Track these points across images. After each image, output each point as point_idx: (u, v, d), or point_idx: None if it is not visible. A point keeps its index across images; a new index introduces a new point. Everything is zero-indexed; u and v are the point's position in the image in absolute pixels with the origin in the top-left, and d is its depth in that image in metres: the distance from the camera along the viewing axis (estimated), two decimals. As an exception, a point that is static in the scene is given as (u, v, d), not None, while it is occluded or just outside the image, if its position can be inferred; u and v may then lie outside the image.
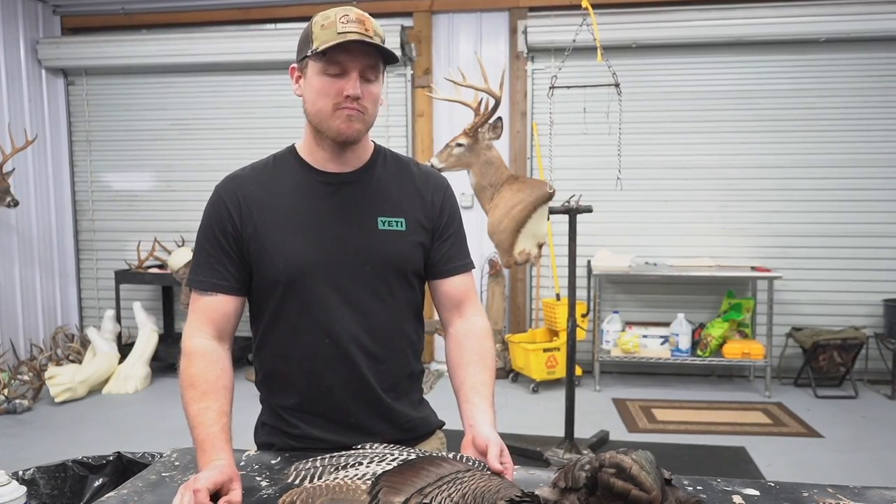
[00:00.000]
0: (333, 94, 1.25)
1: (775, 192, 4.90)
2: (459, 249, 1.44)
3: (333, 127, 1.28)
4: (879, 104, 4.79)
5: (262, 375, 1.42)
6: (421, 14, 5.11)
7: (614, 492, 0.84)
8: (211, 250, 1.32)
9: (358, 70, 1.25)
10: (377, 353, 1.34)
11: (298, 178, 1.35)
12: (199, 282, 1.31)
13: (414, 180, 1.40)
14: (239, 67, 5.31)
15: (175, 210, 5.51)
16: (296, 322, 1.31)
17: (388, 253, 1.33)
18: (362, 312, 1.32)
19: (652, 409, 4.30)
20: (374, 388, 1.34)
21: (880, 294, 4.79)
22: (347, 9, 1.26)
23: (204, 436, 1.18)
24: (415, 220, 1.36)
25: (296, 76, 1.34)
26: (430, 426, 1.47)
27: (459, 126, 4.90)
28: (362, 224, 1.32)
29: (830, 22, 4.63)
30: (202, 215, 1.35)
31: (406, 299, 1.38)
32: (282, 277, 1.29)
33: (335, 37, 1.22)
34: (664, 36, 4.79)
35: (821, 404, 4.39)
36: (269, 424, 1.42)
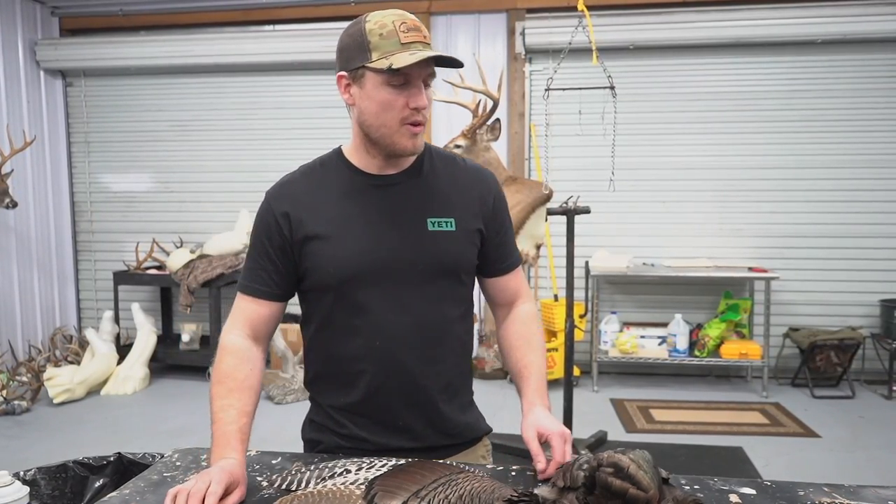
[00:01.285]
0: (399, 107, 1.24)
1: (772, 192, 4.91)
2: (510, 246, 1.45)
3: (399, 143, 1.27)
4: (877, 105, 4.81)
5: (312, 375, 1.43)
6: (419, 15, 5.09)
7: (612, 491, 0.85)
8: (256, 256, 1.34)
9: (422, 79, 1.24)
10: (428, 356, 1.34)
11: (346, 182, 1.34)
12: (243, 285, 1.36)
13: (462, 178, 1.39)
14: (238, 69, 5.32)
15: (173, 211, 5.51)
16: (347, 325, 1.32)
17: (438, 254, 1.32)
18: (413, 315, 1.32)
19: (650, 409, 4.31)
20: (423, 392, 1.35)
21: (877, 294, 4.80)
22: (402, 15, 1.24)
23: (220, 433, 1.21)
24: (464, 220, 1.35)
25: (344, 84, 1.28)
26: (477, 432, 1.45)
27: (457, 127, 4.92)
28: (412, 226, 1.32)
29: (827, 24, 4.64)
30: (255, 218, 1.37)
31: (456, 299, 1.39)
32: (332, 282, 1.30)
33: (399, 48, 1.20)
34: (661, 38, 4.81)
35: (818, 404, 4.40)
36: (317, 422, 1.42)
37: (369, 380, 1.33)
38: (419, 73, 1.23)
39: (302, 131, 5.34)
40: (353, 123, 1.32)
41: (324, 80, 5.30)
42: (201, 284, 4.79)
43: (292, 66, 5.24)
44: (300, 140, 5.34)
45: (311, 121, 5.33)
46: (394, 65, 1.19)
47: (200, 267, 4.85)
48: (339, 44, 1.28)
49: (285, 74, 5.33)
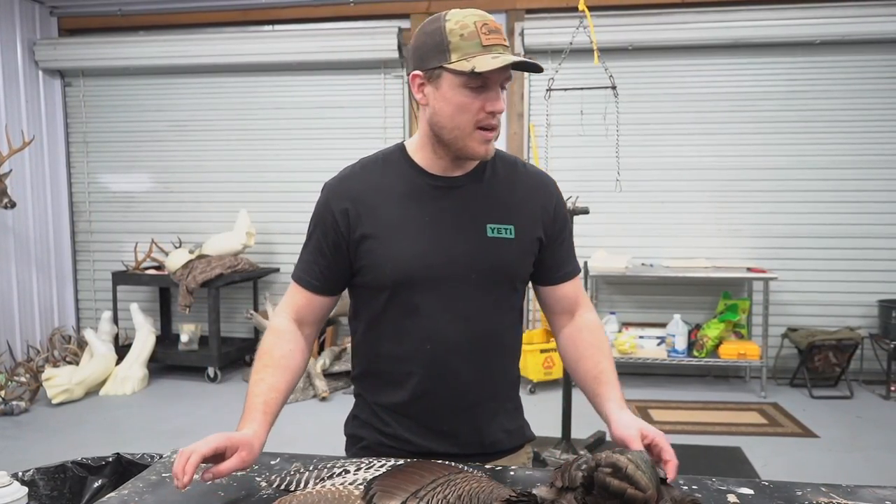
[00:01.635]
0: (475, 110, 1.21)
1: (771, 193, 4.92)
2: (570, 254, 1.43)
3: (470, 147, 1.25)
4: (874, 106, 4.82)
5: (359, 371, 1.43)
6: (418, 16, 5.12)
7: (610, 491, 0.85)
8: (312, 249, 1.35)
9: (499, 82, 1.22)
10: (478, 363, 1.33)
11: (408, 181, 1.31)
12: (297, 274, 1.37)
13: (524, 184, 1.36)
14: (237, 69, 5.32)
15: (172, 211, 5.51)
16: (398, 326, 1.32)
17: (495, 262, 1.31)
18: (465, 320, 1.31)
19: (648, 409, 4.32)
20: (470, 399, 1.34)
21: (875, 295, 4.81)
22: (483, 16, 1.21)
23: (248, 405, 1.24)
24: (523, 228, 1.33)
25: (418, 84, 1.25)
26: (520, 440, 1.44)
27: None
28: (471, 231, 1.30)
29: (826, 25, 4.65)
30: (314, 210, 1.36)
31: (510, 307, 1.37)
32: (387, 282, 1.29)
33: (481, 50, 1.18)
34: (660, 38, 4.81)
35: (816, 404, 4.41)
36: (361, 419, 1.42)
37: (417, 382, 1.33)
38: (497, 76, 1.20)
39: (301, 132, 5.34)
40: (421, 123, 1.30)
41: (323, 81, 5.30)
42: (200, 285, 4.79)
43: (291, 66, 5.24)
44: (299, 140, 5.35)
45: (310, 121, 5.33)
46: (476, 68, 1.16)
47: (199, 267, 4.85)
48: (415, 41, 1.25)
49: (284, 75, 5.33)
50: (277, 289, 5.41)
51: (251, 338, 5.42)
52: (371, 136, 5.27)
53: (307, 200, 5.86)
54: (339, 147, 5.30)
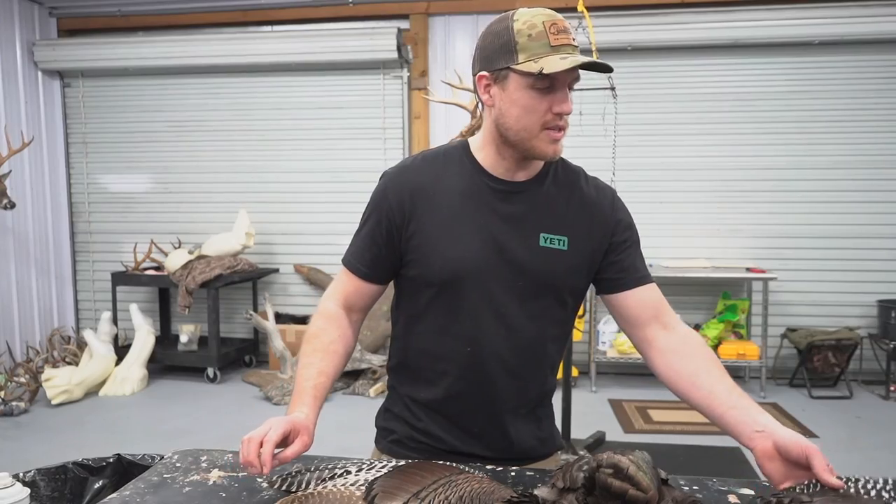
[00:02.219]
0: (542, 111, 1.19)
1: (770, 193, 4.92)
2: (637, 260, 1.35)
3: (538, 148, 1.22)
4: (873, 106, 4.82)
5: (395, 362, 1.41)
6: (417, 16, 5.12)
7: (612, 492, 0.86)
8: (365, 235, 1.33)
9: (567, 83, 1.20)
10: (516, 371, 1.31)
11: (468, 180, 1.29)
12: (347, 259, 1.36)
13: (583, 196, 1.32)
14: (236, 69, 5.32)
15: (171, 212, 5.51)
16: (441, 324, 1.30)
17: (545, 271, 1.28)
18: (509, 327, 1.28)
19: (648, 409, 4.32)
20: (504, 405, 1.33)
21: (874, 295, 4.81)
22: (551, 15, 1.18)
23: (298, 389, 1.24)
24: (578, 240, 1.29)
25: (484, 84, 1.23)
26: (549, 447, 1.41)
27: (456, 128, 4.93)
28: (524, 237, 1.27)
29: (824, 25, 4.65)
30: (370, 197, 1.34)
31: (556, 319, 1.33)
32: (435, 279, 1.27)
33: (549, 50, 1.15)
34: (659, 38, 4.82)
35: (815, 405, 4.41)
36: (394, 412, 1.41)
37: (451, 382, 1.31)
38: (566, 77, 1.18)
39: (300, 132, 5.34)
40: (486, 123, 1.28)
41: (322, 81, 5.30)
42: (199, 285, 4.79)
43: (291, 66, 5.24)
44: (298, 141, 5.35)
45: (309, 122, 5.33)
46: (545, 69, 1.14)
47: (199, 268, 4.85)
48: (482, 41, 1.23)
49: (284, 75, 5.33)
50: (277, 289, 5.41)
51: (251, 338, 5.42)
52: (370, 136, 5.28)
53: (306, 201, 5.89)
54: (338, 148, 5.31)
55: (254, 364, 5.32)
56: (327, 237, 5.33)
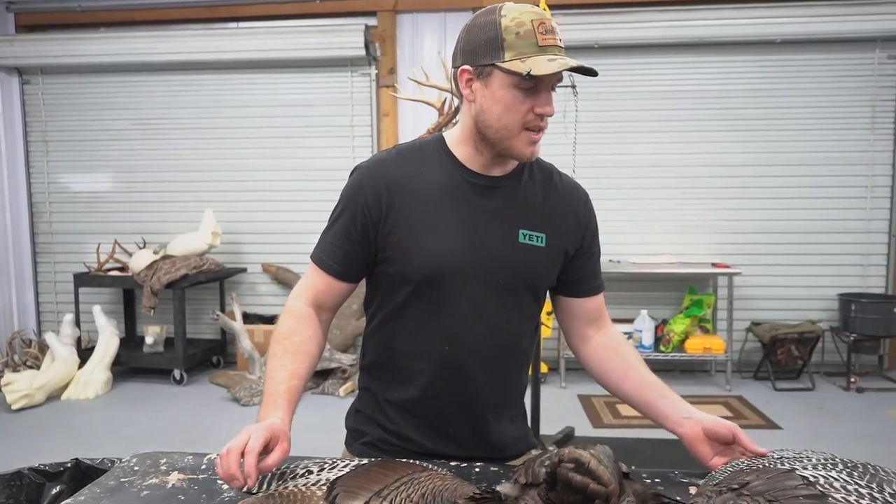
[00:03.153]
0: (524, 111, 1.18)
1: (734, 189, 5.00)
2: (597, 268, 1.40)
3: (515, 148, 1.22)
4: (833, 104, 4.92)
5: (369, 361, 1.39)
6: (385, 13, 5.10)
7: (573, 486, 0.86)
8: (337, 231, 1.29)
9: (551, 84, 1.19)
10: (493, 368, 1.31)
11: (446, 175, 1.27)
12: (318, 256, 1.32)
13: (558, 193, 1.34)
14: (202, 66, 5.24)
15: (136, 211, 5.41)
16: (418, 322, 1.28)
17: (524, 268, 1.28)
18: (486, 324, 1.28)
19: (616, 404, 4.36)
20: (480, 404, 1.32)
21: (835, 288, 4.92)
22: (540, 14, 1.17)
23: (269, 391, 1.20)
24: (555, 237, 1.31)
25: (466, 79, 1.21)
26: (523, 447, 1.42)
27: (425, 126, 4.91)
28: (503, 234, 1.27)
29: (786, 24, 4.74)
30: (341, 193, 1.31)
31: (531, 315, 1.35)
32: (415, 276, 1.25)
33: (536, 50, 1.14)
34: (624, 37, 4.86)
35: (779, 397, 4.49)
36: (365, 413, 1.39)
37: (427, 382, 1.30)
38: (550, 79, 1.17)
39: (267, 130, 5.28)
40: (465, 117, 1.26)
41: (289, 79, 5.25)
42: (165, 286, 4.71)
43: (258, 63, 5.17)
44: (265, 139, 5.29)
45: (276, 119, 5.28)
46: (533, 71, 1.12)
47: (164, 268, 4.77)
48: (466, 34, 1.21)
49: (250, 72, 5.26)
50: (244, 289, 5.35)
51: (218, 339, 5.35)
52: (338, 134, 5.24)
53: (274, 199, 5.81)
54: (305, 146, 5.26)
55: (221, 365, 5.25)
56: (295, 236, 5.29)
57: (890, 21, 4.66)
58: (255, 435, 1.06)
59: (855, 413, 4.20)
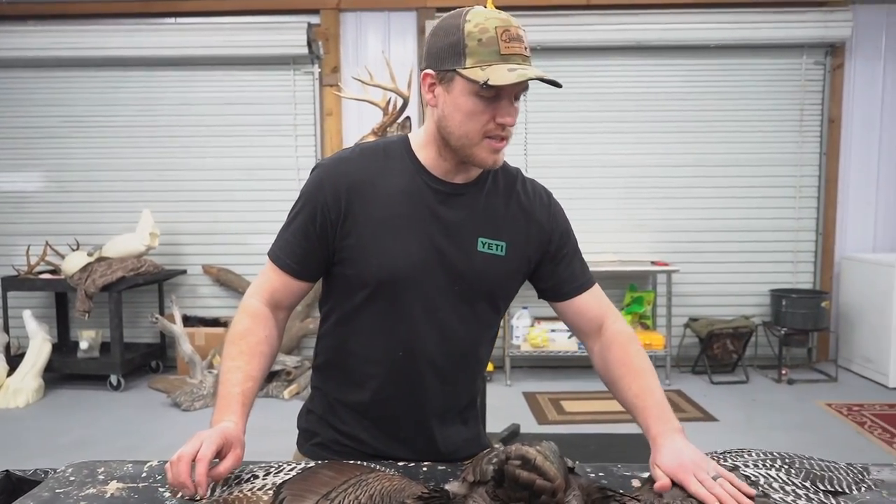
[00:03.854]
0: (485, 120, 1.16)
1: (673, 189, 5.14)
2: (581, 266, 1.36)
3: (477, 156, 1.20)
4: (765, 107, 5.12)
5: (322, 361, 1.36)
6: (328, 11, 5.05)
7: (520, 482, 0.87)
8: (295, 229, 1.26)
9: (513, 94, 1.17)
10: (447, 376, 1.31)
11: (408, 178, 1.25)
12: (275, 254, 1.29)
13: (520, 200, 1.32)
14: (138, 62, 5.09)
15: (68, 212, 5.21)
16: (373, 325, 1.27)
17: (481, 277, 1.27)
18: (443, 332, 1.27)
19: (561, 401, 4.43)
20: (433, 410, 1.31)
21: (767, 285, 5.12)
22: (505, 21, 1.15)
23: (223, 395, 1.17)
24: (515, 245, 1.29)
25: (429, 83, 1.20)
26: (475, 448, 1.39)
27: (368, 124, 4.88)
28: (462, 242, 1.26)
29: (720, 30, 4.90)
30: (301, 190, 1.28)
31: (488, 323, 1.34)
32: (371, 280, 1.24)
33: (498, 59, 1.12)
34: (566, 39, 4.94)
35: (716, 390, 4.65)
36: (317, 414, 1.36)
37: (379, 386, 1.29)
38: (512, 88, 1.14)
39: (207, 128, 5.17)
40: (428, 122, 1.25)
41: (230, 76, 5.15)
42: (101, 289, 4.55)
43: (196, 60, 5.05)
44: (205, 138, 5.17)
45: (217, 118, 5.16)
46: (490, 81, 1.10)
47: (99, 270, 4.61)
48: (431, 37, 1.19)
49: (189, 69, 5.13)
50: (184, 291, 5.22)
51: (157, 343, 5.20)
52: (281, 133, 5.17)
53: (215, 199, 5.68)
54: (248, 145, 5.17)
55: (161, 370, 5.11)
56: (237, 237, 5.19)
57: (815, 29, 4.88)
58: (208, 441, 1.04)
59: (786, 404, 4.37)
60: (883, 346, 4.66)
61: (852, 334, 4.99)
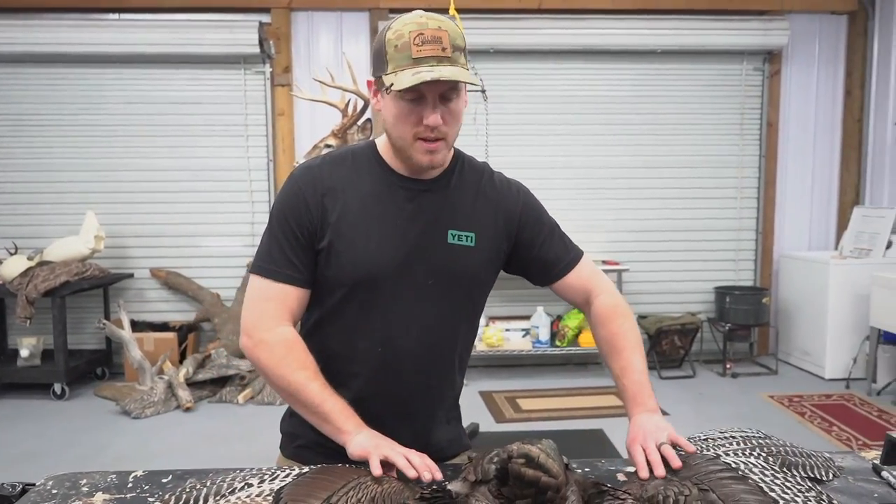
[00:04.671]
0: (413, 123, 1.20)
1: (622, 190, 5.28)
2: (562, 246, 1.43)
3: (414, 157, 1.24)
4: (708, 111, 5.30)
5: None
6: (279, 10, 4.99)
7: (525, 480, 0.90)
8: (285, 241, 1.26)
9: (436, 96, 1.18)
10: (427, 370, 1.33)
11: (377, 179, 1.29)
12: (276, 272, 1.26)
13: (487, 193, 1.36)
14: (80, 59, 4.92)
15: (6, 214, 5.02)
16: (352, 325, 1.28)
17: (453, 268, 1.30)
18: (420, 326, 1.30)
19: (517, 399, 4.50)
20: (415, 406, 1.33)
21: (711, 282, 5.31)
22: (422, 24, 1.16)
23: (340, 407, 1.21)
24: (486, 236, 1.33)
25: (373, 89, 1.27)
26: (457, 448, 1.42)
27: (321, 125, 4.86)
28: (432, 236, 1.29)
29: (666, 36, 5.05)
30: (275, 203, 1.30)
31: (465, 315, 1.37)
32: (347, 279, 1.26)
33: (410, 63, 1.15)
34: (518, 42, 5.02)
35: (665, 385, 4.79)
36: (299, 416, 1.35)
37: (362, 384, 1.30)
38: (433, 89, 1.17)
39: (155, 128, 5.04)
40: None
41: (178, 75, 5.04)
42: (43, 294, 4.38)
43: (143, 58, 4.92)
44: (153, 137, 5.04)
45: (164, 117, 5.04)
46: (394, 86, 1.15)
47: (41, 275, 4.44)
48: (373, 46, 1.26)
49: (134, 67, 4.99)
50: (132, 295, 5.07)
51: (102, 349, 5.04)
52: (232, 133, 5.08)
53: (163, 201, 5.54)
54: (197, 145, 5.07)
55: (107, 377, 4.95)
56: (186, 239, 5.08)
57: (755, 37, 5.09)
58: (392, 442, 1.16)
59: (731, 396, 4.55)
60: (819, 340, 4.90)
61: (791, 329, 5.23)
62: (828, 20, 5.29)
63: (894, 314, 4.28)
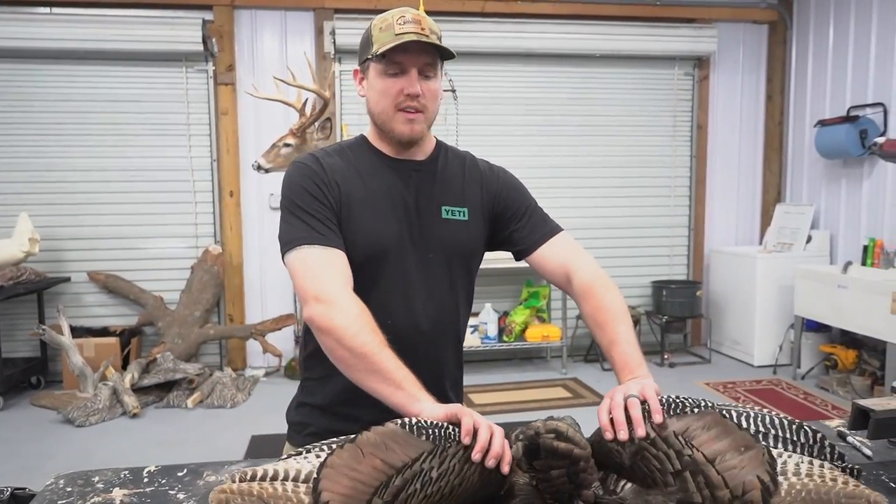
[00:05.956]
0: (394, 94, 1.31)
1: (562, 189, 5.43)
2: (539, 218, 1.49)
3: (396, 129, 1.34)
4: (642, 113, 5.54)
5: (313, 348, 1.35)
6: (222, 8, 4.90)
7: (559, 453, 0.97)
8: (319, 213, 1.29)
9: (417, 68, 1.30)
10: (434, 341, 1.40)
11: (372, 163, 1.39)
12: (324, 239, 1.27)
13: (473, 172, 1.47)
14: (8, 54, 4.70)
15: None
16: (362, 300, 1.27)
17: (450, 242, 1.40)
18: (426, 298, 1.37)
19: (469, 394, 4.58)
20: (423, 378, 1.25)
21: (648, 277, 5.55)
22: (404, 10, 1.31)
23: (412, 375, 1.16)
24: (476, 210, 1.43)
25: (359, 79, 1.40)
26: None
27: (266, 125, 4.84)
28: (428, 212, 1.38)
29: (603, 40, 5.24)
30: (291, 187, 1.32)
31: (464, 285, 1.45)
32: (357, 256, 1.32)
33: (393, 38, 1.27)
34: (461, 45, 5.02)
35: (607, 376, 4.98)
36: (310, 404, 1.39)
37: None
38: (412, 61, 1.29)
39: (92, 126, 4.87)
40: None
41: (116, 72, 4.88)
42: (-26, 300, 4.18)
43: (78, 54, 4.75)
44: (89, 136, 4.87)
45: (101, 115, 4.88)
46: (379, 51, 1.28)
47: (-29, 280, 4.23)
48: (360, 40, 1.38)
49: (68, 63, 4.81)
50: (69, 300, 4.88)
51: (37, 357, 4.83)
52: (173, 132, 4.97)
53: (101, 202, 5.38)
54: (137, 144, 4.92)
55: (43, 385, 4.74)
56: (126, 241, 4.94)
57: (686, 43, 5.36)
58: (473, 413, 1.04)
59: (669, 385, 4.77)
60: (748, 330, 5.20)
61: (722, 320, 5.52)
62: (751, 29, 5.62)
63: (816, 304, 4.60)
